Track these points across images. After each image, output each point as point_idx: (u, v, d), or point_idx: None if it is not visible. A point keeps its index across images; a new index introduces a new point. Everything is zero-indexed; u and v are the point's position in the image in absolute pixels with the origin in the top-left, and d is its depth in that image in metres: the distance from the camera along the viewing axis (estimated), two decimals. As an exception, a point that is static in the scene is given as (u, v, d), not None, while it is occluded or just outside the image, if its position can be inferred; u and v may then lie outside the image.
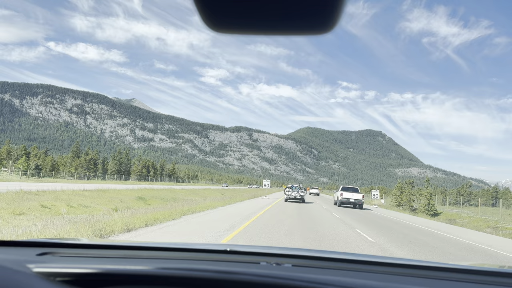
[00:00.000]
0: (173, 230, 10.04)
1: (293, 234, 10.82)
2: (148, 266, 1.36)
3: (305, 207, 25.40)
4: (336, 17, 0.68)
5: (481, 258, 10.23)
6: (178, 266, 1.38)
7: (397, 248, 10.13)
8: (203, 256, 1.69)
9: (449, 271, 1.59)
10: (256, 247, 1.87)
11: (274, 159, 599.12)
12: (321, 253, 1.81)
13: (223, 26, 0.68)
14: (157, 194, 27.32)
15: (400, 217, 25.77)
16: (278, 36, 0.70)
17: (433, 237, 14.09)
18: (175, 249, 1.76)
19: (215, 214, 16.15)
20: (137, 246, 1.84)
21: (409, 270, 1.60)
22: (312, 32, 0.70)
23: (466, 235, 16.11)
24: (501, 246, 12.97)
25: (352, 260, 1.71)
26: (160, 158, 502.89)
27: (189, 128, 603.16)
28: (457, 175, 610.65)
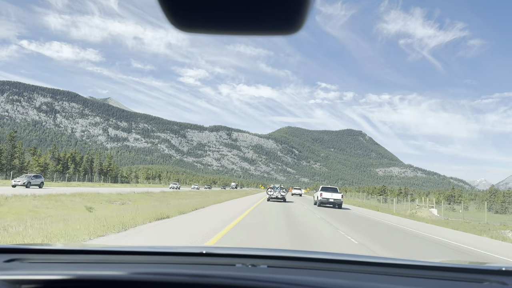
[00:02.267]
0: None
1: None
2: (121, 271, 1.32)
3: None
4: (302, 17, 0.66)
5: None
6: (152, 270, 1.35)
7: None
8: (179, 259, 1.65)
9: (423, 269, 1.61)
10: (233, 249, 1.87)
11: (254, 159, 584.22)
12: (297, 253, 1.80)
13: (189, 25, 0.67)
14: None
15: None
16: (244, 36, 0.70)
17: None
18: (151, 253, 1.73)
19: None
20: (111, 250, 1.77)
21: (385, 268, 1.61)
22: (279, 32, 0.69)
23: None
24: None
25: (328, 259, 1.71)
26: (135, 158, 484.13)
27: (165, 128, 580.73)
28: (437, 175, 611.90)
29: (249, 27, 0.69)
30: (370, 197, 58.89)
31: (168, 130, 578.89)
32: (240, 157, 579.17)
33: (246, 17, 0.67)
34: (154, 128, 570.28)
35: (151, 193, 31.52)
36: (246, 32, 0.70)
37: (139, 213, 12.54)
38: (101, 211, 14.47)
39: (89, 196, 21.95)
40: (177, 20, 0.66)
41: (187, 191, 53.99)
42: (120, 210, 14.46)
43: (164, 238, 8.82)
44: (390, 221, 20.34)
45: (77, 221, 9.90)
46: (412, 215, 27.95)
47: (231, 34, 0.70)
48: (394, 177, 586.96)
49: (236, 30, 0.69)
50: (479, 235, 16.46)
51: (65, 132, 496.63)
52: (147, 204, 19.69)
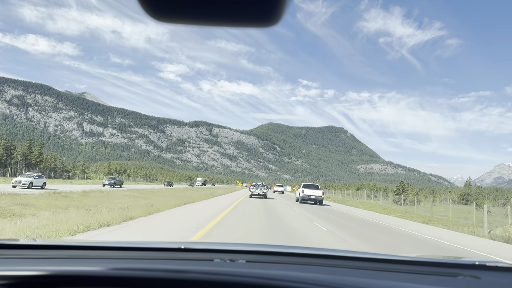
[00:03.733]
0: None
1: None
2: (97, 267, 1.29)
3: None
4: (280, 9, 0.66)
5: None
6: (128, 266, 1.32)
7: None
8: (157, 255, 1.63)
9: (400, 263, 1.63)
10: (211, 244, 1.85)
11: (236, 155, 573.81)
12: (275, 248, 1.81)
13: (165, 14, 0.65)
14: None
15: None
16: (221, 27, 0.69)
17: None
18: (128, 248, 1.70)
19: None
20: (86, 245, 1.72)
21: (362, 263, 1.62)
22: (257, 24, 0.68)
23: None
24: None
25: (307, 254, 1.72)
26: (110, 154, 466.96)
27: (143, 123, 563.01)
28: (417, 171, 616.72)
29: (227, 18, 0.67)
30: (362, 195, 50.90)
31: (146, 125, 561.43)
32: (221, 153, 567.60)
33: (224, 8, 0.66)
34: (131, 123, 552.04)
35: (63, 193, 21.45)
36: (224, 23, 0.68)
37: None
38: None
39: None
40: (153, 9, 0.65)
41: (134, 189, 38.12)
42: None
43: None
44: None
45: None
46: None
47: (209, 25, 0.69)
48: (375, 173, 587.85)
49: (214, 21, 0.68)
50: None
51: (37, 127, 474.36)
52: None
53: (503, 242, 13.20)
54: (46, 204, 14.51)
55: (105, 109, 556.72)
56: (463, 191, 76.55)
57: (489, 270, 1.57)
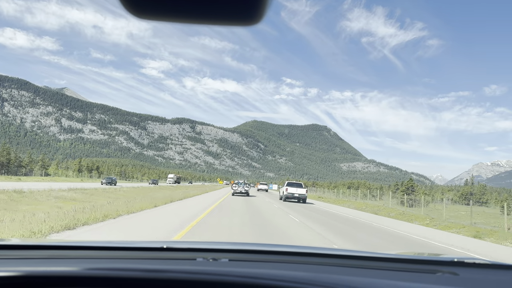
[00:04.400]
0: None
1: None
2: (76, 267, 1.25)
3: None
4: (262, 8, 0.66)
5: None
6: (107, 266, 1.29)
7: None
8: (138, 254, 1.60)
9: (380, 261, 1.65)
10: (194, 243, 1.83)
11: (219, 153, 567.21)
12: (258, 246, 1.80)
13: (144, 11, 0.64)
14: None
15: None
16: (202, 25, 0.68)
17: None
18: (109, 248, 1.65)
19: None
20: (68, 245, 1.66)
21: (344, 260, 1.63)
22: (239, 22, 0.68)
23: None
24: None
25: (289, 252, 1.72)
26: (90, 151, 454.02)
27: (124, 119, 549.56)
28: (399, 170, 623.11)
29: (208, 16, 0.67)
30: (357, 194, 47.18)
31: (127, 121, 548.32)
32: (204, 150, 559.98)
33: (205, 5, 0.65)
34: (111, 119, 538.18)
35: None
36: (205, 21, 0.67)
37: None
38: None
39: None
40: (134, 6, 0.64)
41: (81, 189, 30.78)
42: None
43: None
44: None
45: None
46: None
47: (190, 23, 0.68)
48: (358, 172, 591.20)
49: (195, 19, 0.67)
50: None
51: (13, 122, 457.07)
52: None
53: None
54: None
55: (84, 104, 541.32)
56: (464, 189, 71.74)
57: (467, 266, 1.60)
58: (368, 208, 28.85)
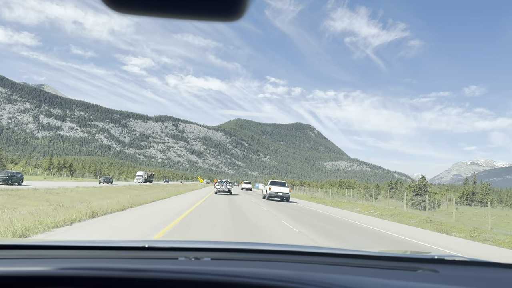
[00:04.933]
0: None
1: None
2: (51, 267, 1.21)
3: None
4: (244, 4, 0.65)
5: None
6: (87, 265, 1.26)
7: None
8: (119, 254, 1.56)
9: (363, 258, 1.67)
10: (176, 242, 1.81)
11: (203, 151, 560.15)
12: (241, 245, 1.79)
13: (123, 5, 0.63)
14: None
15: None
16: (182, 20, 0.67)
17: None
18: (90, 247, 1.61)
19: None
20: (44, 245, 1.61)
21: (326, 258, 1.63)
22: (219, 17, 0.66)
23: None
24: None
25: (272, 250, 1.72)
26: (69, 149, 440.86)
27: (104, 116, 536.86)
28: (381, 169, 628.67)
29: (188, 10, 0.66)
30: (352, 194, 43.77)
31: (107, 119, 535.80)
32: (187, 149, 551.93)
33: (186, 0, 0.65)
34: (91, 117, 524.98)
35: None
36: (185, 16, 0.66)
37: None
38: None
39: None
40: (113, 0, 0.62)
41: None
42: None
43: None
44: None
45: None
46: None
47: (169, 17, 0.67)
48: (341, 170, 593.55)
49: (175, 13, 0.66)
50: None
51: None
52: None
53: None
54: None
55: (63, 101, 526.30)
56: (466, 189, 65.50)
57: (447, 264, 1.65)
58: (377, 212, 24.09)
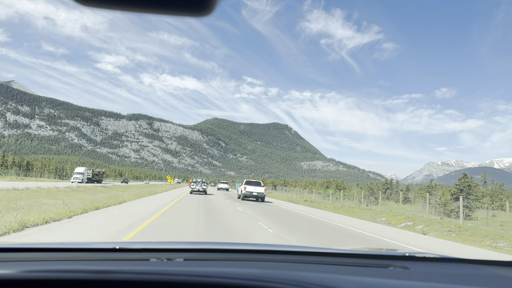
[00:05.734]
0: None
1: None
2: (17, 270, 1.18)
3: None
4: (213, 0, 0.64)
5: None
6: (55, 267, 1.22)
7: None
8: (90, 255, 1.53)
9: (335, 256, 1.68)
10: (148, 243, 1.78)
11: (178, 151, 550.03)
12: (214, 245, 1.79)
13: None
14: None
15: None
16: (150, 14, 0.65)
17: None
18: (58, 249, 1.56)
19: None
20: (11, 247, 1.57)
21: (298, 256, 1.65)
22: (188, 12, 0.66)
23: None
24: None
25: (245, 250, 1.72)
26: (37, 148, 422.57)
27: (75, 114, 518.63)
28: (357, 169, 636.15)
29: (157, 4, 0.65)
30: (348, 196, 39.77)
31: (78, 117, 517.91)
32: (162, 148, 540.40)
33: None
34: (62, 115, 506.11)
35: None
36: (154, 10, 0.65)
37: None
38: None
39: None
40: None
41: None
42: None
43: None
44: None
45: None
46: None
47: (136, 11, 0.65)
48: (318, 170, 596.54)
49: (142, 7, 0.65)
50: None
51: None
52: None
53: None
54: None
55: (32, 98, 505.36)
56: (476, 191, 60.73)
57: (418, 261, 1.69)
58: (420, 225, 17.05)
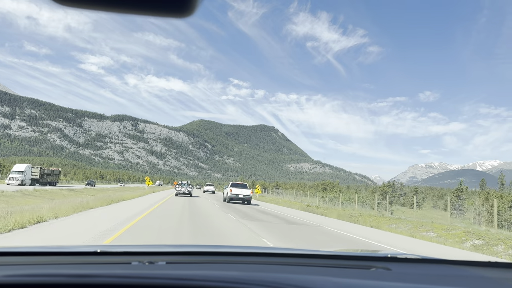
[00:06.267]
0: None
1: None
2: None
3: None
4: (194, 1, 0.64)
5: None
6: (35, 272, 1.19)
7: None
8: (70, 259, 1.49)
9: (318, 258, 1.68)
10: (130, 246, 1.75)
11: (164, 152, 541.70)
12: (197, 247, 1.77)
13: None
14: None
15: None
16: (130, 15, 0.65)
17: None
18: (38, 253, 1.52)
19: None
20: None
21: (281, 258, 1.64)
22: (168, 13, 0.65)
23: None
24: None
25: (228, 252, 1.72)
26: (18, 149, 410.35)
27: (58, 115, 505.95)
28: (343, 171, 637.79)
29: (138, 4, 0.64)
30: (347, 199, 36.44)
31: (61, 118, 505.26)
32: (147, 150, 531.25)
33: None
34: (43, 115, 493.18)
35: None
36: (135, 11, 0.64)
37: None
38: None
39: None
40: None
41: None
42: None
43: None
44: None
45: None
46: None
47: (115, 11, 0.64)
48: (305, 172, 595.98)
49: (124, 8, 0.64)
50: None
51: None
52: None
53: None
54: None
55: (12, 98, 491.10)
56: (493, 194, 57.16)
57: (400, 262, 1.71)
58: (502, 245, 12.79)
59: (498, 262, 1.71)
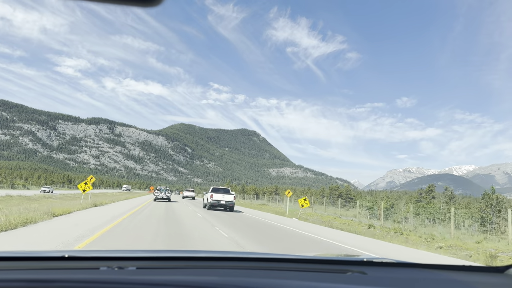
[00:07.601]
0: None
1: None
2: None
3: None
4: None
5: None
6: (1, 277, 1.15)
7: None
8: (37, 264, 1.43)
9: (294, 262, 1.69)
10: (99, 252, 1.72)
11: (142, 157, 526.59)
12: (168, 253, 1.74)
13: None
14: None
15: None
16: (95, 3, 0.66)
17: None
18: (2, 258, 1.46)
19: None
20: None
21: (256, 263, 1.64)
22: (134, 2, 0.63)
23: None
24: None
25: (200, 257, 1.69)
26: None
27: (30, 117, 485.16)
28: (325, 175, 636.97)
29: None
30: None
31: (33, 120, 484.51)
32: (125, 154, 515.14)
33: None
34: (15, 118, 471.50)
35: None
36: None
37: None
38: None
39: None
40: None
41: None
42: None
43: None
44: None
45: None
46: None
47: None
48: (286, 177, 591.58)
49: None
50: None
51: None
52: None
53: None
54: None
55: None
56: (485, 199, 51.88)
57: (376, 266, 1.73)
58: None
59: (472, 266, 1.77)
